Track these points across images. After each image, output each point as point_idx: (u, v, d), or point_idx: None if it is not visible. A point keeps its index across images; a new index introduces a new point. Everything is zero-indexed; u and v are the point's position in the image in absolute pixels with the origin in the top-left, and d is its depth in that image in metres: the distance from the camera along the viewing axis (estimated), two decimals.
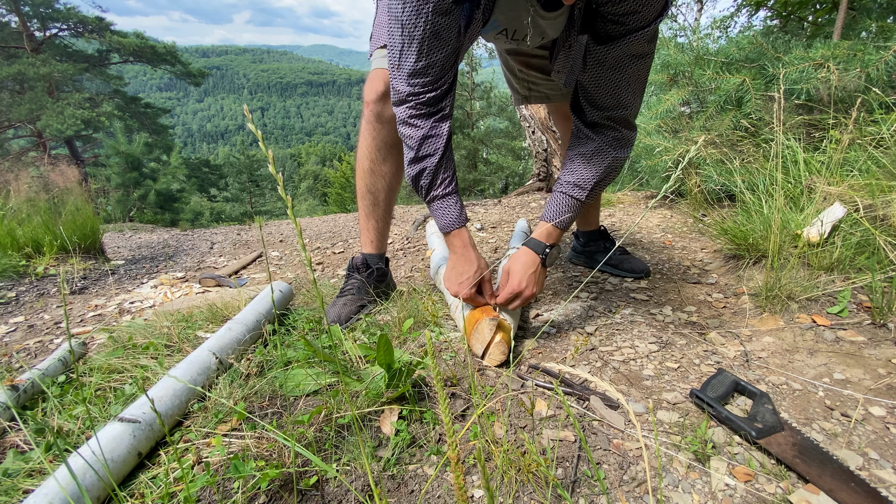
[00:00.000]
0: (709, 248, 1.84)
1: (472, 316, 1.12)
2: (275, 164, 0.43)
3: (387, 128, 1.29)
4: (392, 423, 0.87)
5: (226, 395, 0.94)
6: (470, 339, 1.11)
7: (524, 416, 0.92)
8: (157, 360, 1.13)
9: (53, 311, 1.75)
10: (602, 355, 1.14)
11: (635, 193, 3.25)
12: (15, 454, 0.82)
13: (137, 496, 0.73)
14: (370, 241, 1.45)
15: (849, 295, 1.23)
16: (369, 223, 1.43)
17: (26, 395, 1.03)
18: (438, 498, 0.74)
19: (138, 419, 0.80)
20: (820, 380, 0.98)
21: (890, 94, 1.75)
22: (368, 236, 1.45)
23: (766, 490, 0.73)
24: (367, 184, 1.37)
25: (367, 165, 1.35)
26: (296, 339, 1.22)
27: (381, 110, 1.27)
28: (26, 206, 2.51)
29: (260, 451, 0.79)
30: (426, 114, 1.09)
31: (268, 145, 0.43)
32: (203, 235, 3.36)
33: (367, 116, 1.29)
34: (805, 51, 2.02)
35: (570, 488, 0.74)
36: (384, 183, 1.36)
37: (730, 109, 2.24)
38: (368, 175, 1.36)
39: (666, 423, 0.88)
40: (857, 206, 1.40)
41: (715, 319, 1.28)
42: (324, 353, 1.01)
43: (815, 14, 3.89)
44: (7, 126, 13.02)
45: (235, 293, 1.57)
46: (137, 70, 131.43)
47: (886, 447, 0.79)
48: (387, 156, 1.33)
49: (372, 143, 1.32)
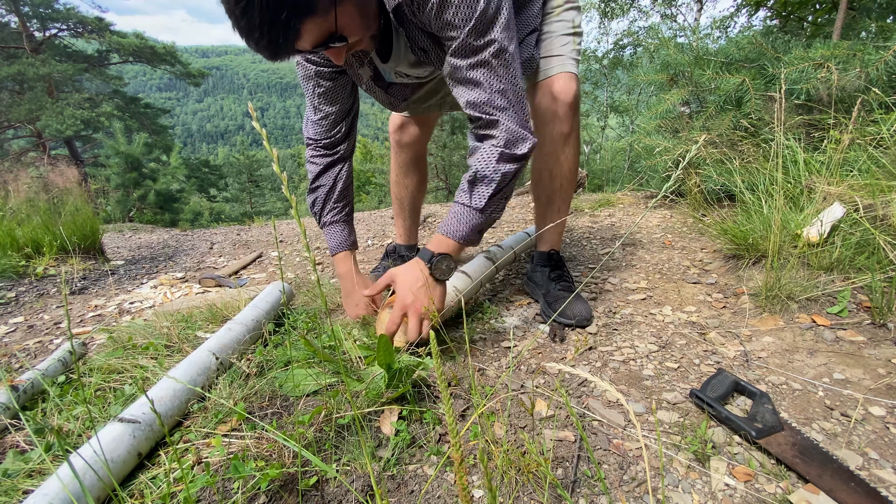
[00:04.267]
0: (709, 248, 1.84)
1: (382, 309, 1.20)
2: (279, 164, 0.42)
3: (405, 151, 1.67)
4: (392, 423, 0.87)
5: (226, 395, 0.94)
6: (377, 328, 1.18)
7: (524, 416, 0.92)
8: (157, 360, 1.13)
9: (53, 311, 1.75)
10: (602, 355, 1.14)
11: (635, 193, 3.25)
12: (15, 454, 0.82)
13: (137, 496, 0.73)
14: (400, 234, 1.81)
15: (848, 295, 1.23)
16: (398, 221, 1.80)
17: (26, 395, 1.03)
18: (438, 498, 0.74)
19: (138, 419, 0.80)
20: (820, 380, 0.98)
21: (890, 94, 1.75)
22: (399, 231, 1.82)
23: (766, 490, 0.73)
24: (395, 192, 1.76)
25: (394, 178, 1.74)
26: (296, 339, 1.22)
27: (398, 139, 1.65)
28: (26, 206, 2.50)
29: (260, 451, 0.79)
30: (322, 155, 1.34)
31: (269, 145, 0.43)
32: (203, 236, 3.36)
33: (391, 143, 1.70)
34: (805, 51, 2.02)
35: (570, 488, 0.74)
36: (407, 192, 1.73)
37: (730, 109, 2.24)
38: (395, 186, 1.75)
39: (666, 423, 0.88)
40: (857, 206, 1.40)
41: (715, 319, 1.28)
42: (324, 353, 1.01)
43: (814, 14, 3.89)
44: (7, 126, 13.02)
45: (235, 293, 1.57)
46: (137, 70, 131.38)
47: (886, 447, 0.79)
48: (408, 172, 1.71)
49: (395, 163, 1.71)
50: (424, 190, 1.79)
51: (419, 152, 1.71)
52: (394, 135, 1.66)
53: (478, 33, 0.94)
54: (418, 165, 1.71)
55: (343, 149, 1.36)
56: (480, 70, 0.98)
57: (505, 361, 1.14)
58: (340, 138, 1.33)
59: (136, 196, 11.98)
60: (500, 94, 1.00)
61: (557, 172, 1.37)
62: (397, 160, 1.70)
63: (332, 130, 1.31)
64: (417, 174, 1.72)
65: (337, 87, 1.24)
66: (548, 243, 1.49)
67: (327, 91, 1.24)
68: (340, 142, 1.34)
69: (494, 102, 1.00)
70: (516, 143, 1.03)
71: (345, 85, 1.25)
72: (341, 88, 1.25)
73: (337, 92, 1.25)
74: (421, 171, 1.74)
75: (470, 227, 1.07)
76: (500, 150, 1.03)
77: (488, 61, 0.97)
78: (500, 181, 1.04)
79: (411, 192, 1.73)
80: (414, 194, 1.74)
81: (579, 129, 1.36)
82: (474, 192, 1.06)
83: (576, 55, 1.32)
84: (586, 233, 2.34)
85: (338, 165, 1.36)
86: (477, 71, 0.98)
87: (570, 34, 1.31)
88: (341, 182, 1.37)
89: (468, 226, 1.07)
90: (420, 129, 1.64)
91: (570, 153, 1.35)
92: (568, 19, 1.31)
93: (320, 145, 1.33)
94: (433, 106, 1.52)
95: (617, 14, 10.19)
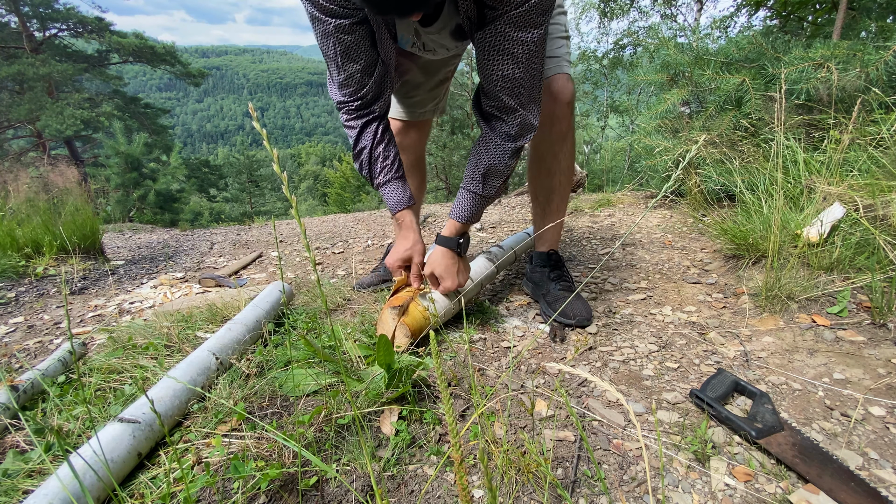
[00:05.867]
0: (709, 248, 1.84)
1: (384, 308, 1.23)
2: (279, 164, 0.42)
3: (406, 154, 1.66)
4: (392, 423, 0.87)
5: (225, 395, 0.94)
6: (378, 328, 1.22)
7: (524, 416, 0.92)
8: (157, 360, 1.13)
9: (53, 311, 1.75)
10: (602, 355, 1.14)
11: (635, 193, 3.25)
12: (15, 454, 0.82)
13: (137, 496, 0.73)
14: None
15: (848, 295, 1.23)
16: None
17: (26, 395, 1.03)
18: (438, 498, 0.74)
19: (138, 419, 0.80)
20: (820, 380, 0.98)
21: (890, 94, 1.75)
22: None
23: (766, 490, 0.73)
24: None
25: None
26: (296, 339, 1.22)
27: (399, 142, 1.62)
28: (26, 206, 2.50)
29: (260, 451, 0.79)
30: (356, 117, 1.27)
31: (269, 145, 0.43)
32: (203, 236, 3.36)
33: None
34: (805, 51, 2.02)
35: (570, 488, 0.74)
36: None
37: (729, 109, 2.24)
38: None
39: (666, 423, 0.88)
40: (857, 206, 1.40)
41: (715, 319, 1.28)
42: (324, 353, 1.01)
43: (814, 14, 3.89)
44: (7, 126, 13.01)
45: (235, 293, 1.57)
46: (137, 70, 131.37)
47: (886, 447, 0.79)
48: (408, 174, 1.64)
49: None
50: (424, 191, 1.82)
51: (419, 154, 1.74)
52: (395, 137, 1.69)
53: (541, 10, 0.98)
54: (419, 167, 1.74)
55: (378, 108, 1.28)
56: (527, 49, 1.02)
57: (505, 361, 1.14)
58: (372, 97, 1.25)
59: (136, 196, 11.97)
60: (531, 78, 1.08)
61: (556, 170, 1.40)
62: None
63: (362, 90, 1.23)
64: (418, 176, 1.74)
65: (358, 39, 1.14)
66: (547, 243, 1.51)
67: (349, 47, 1.14)
68: (373, 101, 1.26)
69: (524, 84, 1.08)
70: (525, 134, 1.16)
71: (365, 36, 1.15)
72: (362, 40, 1.15)
73: (359, 45, 1.15)
74: (421, 172, 1.77)
75: (479, 209, 1.27)
76: (512, 147, 1.16)
77: (536, 42, 1.02)
78: (508, 173, 1.22)
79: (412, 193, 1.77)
80: (415, 196, 1.77)
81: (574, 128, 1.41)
82: (487, 184, 1.22)
83: (569, 57, 1.36)
84: (586, 233, 2.34)
85: (374, 124, 1.28)
86: (524, 48, 1.02)
87: (563, 37, 1.35)
88: (384, 140, 1.29)
89: (477, 209, 1.26)
90: (419, 132, 1.68)
91: (568, 151, 1.40)
92: (561, 23, 1.35)
93: (353, 108, 1.25)
94: (428, 112, 1.63)
95: (617, 14, 10.18)
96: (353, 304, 1.56)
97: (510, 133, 1.14)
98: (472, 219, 1.26)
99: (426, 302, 1.21)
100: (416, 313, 1.18)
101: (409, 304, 1.19)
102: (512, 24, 0.99)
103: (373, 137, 1.27)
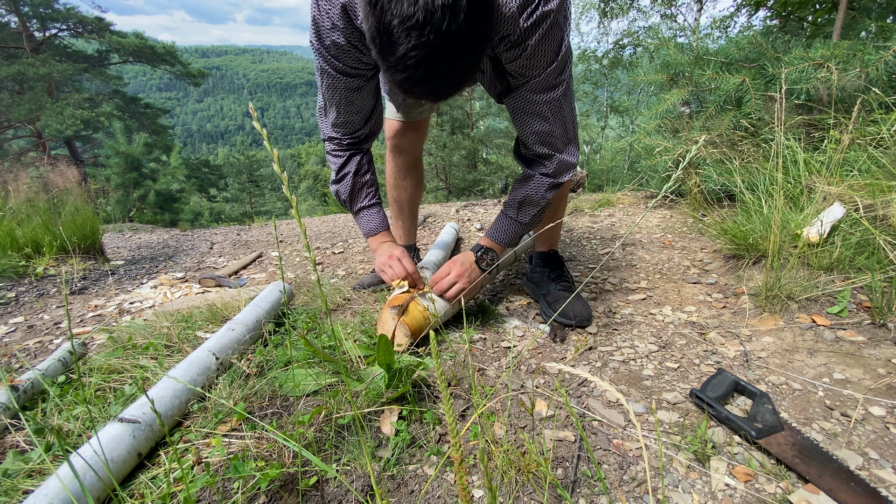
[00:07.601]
0: (709, 248, 1.84)
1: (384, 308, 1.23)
2: (279, 164, 0.42)
3: (402, 155, 1.67)
4: (392, 423, 0.87)
5: (226, 395, 0.94)
6: (378, 328, 1.23)
7: (524, 416, 0.92)
8: (157, 360, 1.13)
9: (53, 311, 1.75)
10: (602, 355, 1.14)
11: (635, 193, 3.25)
12: (15, 454, 0.82)
13: (137, 496, 0.73)
14: (400, 235, 1.83)
15: (848, 295, 1.23)
16: (398, 223, 1.81)
17: (26, 395, 1.03)
18: (438, 498, 0.74)
19: (138, 419, 0.80)
20: (820, 380, 0.98)
21: (890, 94, 1.75)
22: (398, 233, 1.82)
23: (766, 490, 0.73)
24: (394, 195, 1.76)
25: (392, 182, 1.74)
26: (296, 339, 1.22)
27: (398, 143, 1.64)
28: (26, 206, 2.50)
29: (260, 451, 0.79)
30: (344, 149, 1.32)
31: (269, 145, 0.43)
32: (203, 236, 3.36)
33: (389, 147, 1.68)
34: (805, 51, 2.02)
35: (570, 488, 0.74)
36: (406, 194, 1.75)
37: (730, 109, 2.23)
38: (394, 189, 1.75)
39: (666, 423, 0.88)
40: (857, 206, 1.40)
41: (715, 319, 1.28)
42: (324, 353, 1.01)
43: (814, 14, 3.89)
44: (7, 126, 13.00)
45: (235, 293, 1.57)
46: (137, 70, 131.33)
47: (886, 447, 0.79)
48: (406, 175, 1.71)
49: (394, 167, 1.71)
50: (422, 191, 1.82)
51: (417, 155, 1.73)
52: (392, 140, 1.67)
53: (557, 72, 1.05)
54: (416, 168, 1.75)
55: (368, 145, 1.36)
56: (552, 106, 1.10)
57: (505, 361, 1.14)
58: (365, 137, 1.33)
59: (136, 196, 11.97)
60: (562, 126, 1.14)
61: None
62: (395, 164, 1.72)
63: (356, 132, 1.29)
64: (416, 176, 1.75)
65: (365, 93, 1.19)
66: (546, 243, 1.52)
67: (354, 99, 1.19)
68: (365, 140, 1.34)
69: (555, 134, 1.14)
70: (563, 172, 1.21)
71: (372, 88, 1.21)
72: (368, 93, 1.20)
73: (364, 98, 1.20)
74: (419, 173, 1.78)
75: (513, 234, 1.30)
76: (550, 182, 1.21)
77: (559, 99, 1.10)
78: (545, 204, 1.25)
79: (410, 194, 1.76)
80: (412, 196, 1.77)
81: None
82: (522, 210, 1.27)
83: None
84: (586, 233, 2.34)
85: (358, 155, 1.34)
86: (549, 107, 1.10)
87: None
88: (369, 170, 1.36)
89: (512, 234, 1.30)
90: (416, 133, 1.67)
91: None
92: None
93: (343, 144, 1.31)
94: (425, 110, 1.63)
95: (617, 14, 10.19)
96: (353, 304, 1.56)
97: (548, 173, 1.21)
98: (503, 240, 1.30)
99: (426, 302, 1.21)
100: (416, 313, 1.18)
101: (408, 304, 1.19)
102: (533, 90, 1.07)
103: (357, 166, 1.33)
